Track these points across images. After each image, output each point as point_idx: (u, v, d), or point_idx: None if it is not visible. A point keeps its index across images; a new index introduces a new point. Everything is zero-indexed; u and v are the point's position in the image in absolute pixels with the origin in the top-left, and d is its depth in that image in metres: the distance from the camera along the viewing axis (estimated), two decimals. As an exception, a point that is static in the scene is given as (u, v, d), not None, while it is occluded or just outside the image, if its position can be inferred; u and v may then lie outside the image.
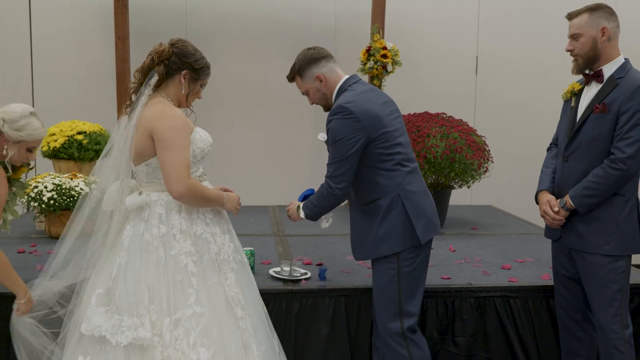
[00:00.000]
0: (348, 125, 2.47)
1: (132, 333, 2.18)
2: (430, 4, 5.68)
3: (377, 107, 2.55)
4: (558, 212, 2.66)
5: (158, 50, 2.38)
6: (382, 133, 2.52)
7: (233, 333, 2.28)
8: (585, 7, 2.61)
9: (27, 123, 2.44)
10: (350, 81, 2.63)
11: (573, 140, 2.64)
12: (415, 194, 2.57)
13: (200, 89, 2.49)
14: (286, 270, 3.07)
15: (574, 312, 2.80)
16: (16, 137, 2.44)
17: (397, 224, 2.54)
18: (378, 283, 2.62)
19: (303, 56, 2.67)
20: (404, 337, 2.57)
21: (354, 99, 2.52)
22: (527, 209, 5.36)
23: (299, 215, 2.74)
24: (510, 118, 5.87)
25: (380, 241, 2.56)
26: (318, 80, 2.65)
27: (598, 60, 2.59)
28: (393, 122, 2.58)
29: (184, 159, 2.29)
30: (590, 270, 2.61)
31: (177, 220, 2.33)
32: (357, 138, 2.48)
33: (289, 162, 5.76)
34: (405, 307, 2.57)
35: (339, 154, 2.51)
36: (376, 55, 4.59)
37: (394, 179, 2.54)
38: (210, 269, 2.33)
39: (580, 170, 2.61)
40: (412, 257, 2.56)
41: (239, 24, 5.49)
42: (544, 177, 2.80)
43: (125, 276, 2.26)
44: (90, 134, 4.26)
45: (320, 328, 2.92)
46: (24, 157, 2.53)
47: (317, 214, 2.70)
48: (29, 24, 5.38)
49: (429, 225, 2.60)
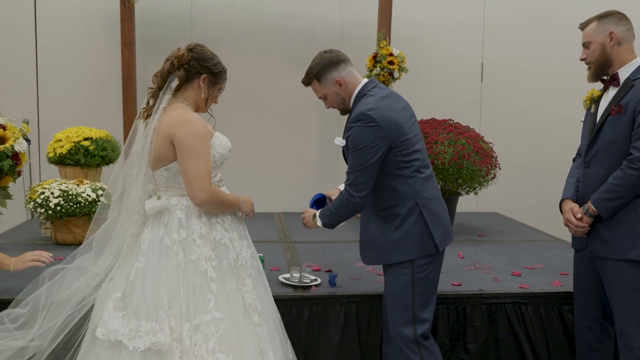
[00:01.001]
0: (370, 133, 2.43)
1: (151, 338, 2.16)
2: (435, 11, 5.70)
3: (397, 113, 2.51)
4: (581, 219, 2.62)
5: (177, 55, 2.37)
6: (403, 140, 2.49)
7: (251, 339, 2.26)
8: (596, 15, 2.64)
9: None
10: (369, 85, 2.58)
11: (592, 145, 2.62)
12: (431, 201, 2.55)
13: (218, 93, 2.50)
14: (296, 277, 3.05)
15: (592, 323, 2.76)
16: None
17: (413, 231, 2.51)
18: (391, 288, 2.59)
19: (321, 60, 2.60)
20: (417, 344, 2.54)
21: (376, 106, 2.47)
22: (533, 216, 5.38)
23: (315, 224, 2.70)
24: (515, 125, 5.87)
25: (395, 247, 2.53)
26: (337, 85, 2.59)
27: (611, 65, 2.59)
28: (411, 129, 2.55)
29: (205, 165, 2.28)
30: (614, 278, 2.55)
31: (197, 225, 2.32)
32: (379, 146, 2.44)
33: (294, 169, 5.75)
34: (418, 313, 2.54)
35: (360, 162, 2.46)
36: (383, 62, 4.59)
37: (412, 186, 2.51)
38: (229, 274, 2.31)
39: (601, 174, 2.58)
40: (426, 264, 2.54)
41: (244, 30, 5.50)
42: (568, 187, 2.78)
43: (143, 280, 2.24)
44: (97, 140, 4.25)
45: (331, 334, 2.90)
46: None
47: (335, 222, 2.65)
48: (34, 30, 5.39)
49: (446, 232, 2.58)
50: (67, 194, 3.80)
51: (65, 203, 3.77)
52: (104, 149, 4.25)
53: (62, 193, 3.80)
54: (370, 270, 3.36)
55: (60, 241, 3.92)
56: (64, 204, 3.77)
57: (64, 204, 3.77)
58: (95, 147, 4.22)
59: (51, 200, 3.77)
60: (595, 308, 2.74)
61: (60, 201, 3.77)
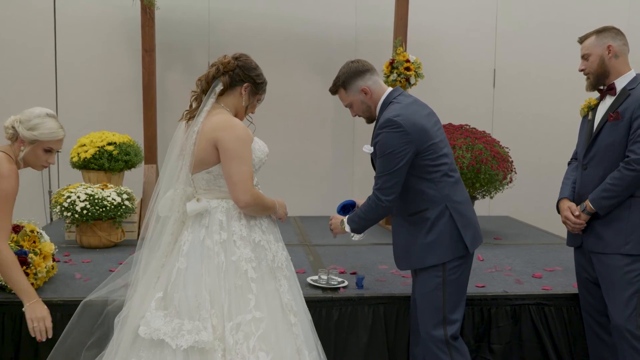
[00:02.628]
0: (397, 138, 2.50)
1: (194, 337, 2.21)
2: (448, 18, 5.78)
3: (423, 119, 2.59)
4: (579, 217, 2.80)
5: (223, 62, 2.46)
6: (430, 145, 2.56)
7: (289, 339, 2.32)
8: (594, 30, 2.84)
9: (40, 122, 2.51)
10: (394, 93, 2.66)
11: (590, 149, 2.80)
12: (461, 205, 2.61)
13: (257, 103, 2.57)
14: (324, 279, 3.12)
15: (599, 316, 2.88)
16: (29, 136, 2.50)
17: (444, 234, 2.57)
18: (422, 290, 2.65)
19: (347, 69, 2.68)
20: (447, 345, 2.60)
21: (402, 112, 2.55)
22: (545, 220, 5.42)
23: (343, 229, 2.76)
24: (527, 130, 5.94)
25: (426, 251, 2.58)
26: (363, 93, 2.66)
27: (609, 76, 2.80)
28: (438, 133, 2.63)
29: (248, 169, 2.35)
30: (608, 272, 2.72)
31: (237, 227, 2.38)
32: (406, 151, 2.51)
33: (310, 173, 5.82)
34: (449, 315, 2.60)
35: (388, 167, 2.54)
36: (399, 68, 4.66)
37: (441, 190, 2.58)
38: (267, 275, 2.38)
39: (598, 176, 2.76)
40: (457, 266, 2.60)
41: (260, 37, 5.57)
42: (565, 187, 2.97)
43: (185, 281, 2.30)
44: (120, 145, 4.32)
45: (360, 335, 2.96)
46: (41, 159, 2.57)
47: (363, 227, 2.72)
48: (53, 36, 5.46)
49: (476, 235, 2.64)
50: (93, 198, 3.87)
51: (91, 207, 3.84)
52: (127, 154, 4.32)
53: (88, 197, 3.87)
54: (394, 272, 3.43)
55: (85, 244, 3.99)
56: (90, 207, 3.84)
57: (90, 208, 3.83)
58: (119, 152, 4.28)
59: (77, 204, 3.84)
60: (600, 301, 2.86)
61: (86, 205, 3.83)
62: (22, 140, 2.52)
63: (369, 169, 5.51)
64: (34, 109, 2.55)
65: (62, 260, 3.60)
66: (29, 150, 2.53)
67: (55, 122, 2.57)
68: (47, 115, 2.55)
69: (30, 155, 2.55)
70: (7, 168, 2.46)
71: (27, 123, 2.51)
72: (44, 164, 2.60)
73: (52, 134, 2.54)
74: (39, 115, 2.53)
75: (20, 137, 2.52)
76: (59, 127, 2.58)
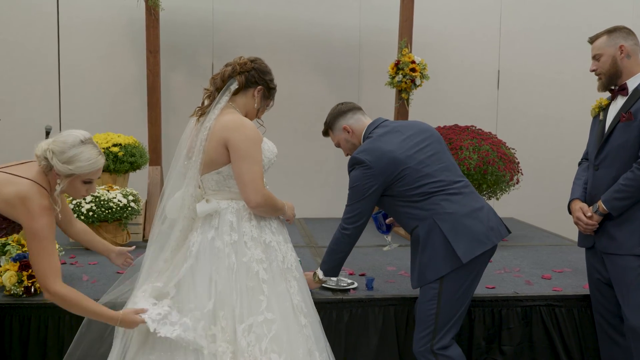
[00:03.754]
0: (361, 174, 2.65)
1: (177, 330, 2.16)
2: (453, 19, 5.78)
3: (395, 147, 2.66)
4: (591, 217, 2.77)
5: (240, 62, 2.46)
6: (400, 172, 2.64)
7: (300, 340, 2.30)
8: (605, 30, 2.82)
9: (76, 154, 2.19)
10: (371, 127, 2.79)
11: (602, 149, 2.77)
12: (452, 215, 2.60)
13: (266, 108, 2.56)
14: (333, 280, 3.10)
15: (611, 317, 2.86)
16: (65, 171, 2.19)
17: (437, 248, 2.60)
18: (420, 300, 2.70)
19: (332, 111, 2.89)
20: (434, 354, 2.62)
21: (368, 147, 2.68)
22: (550, 221, 5.43)
23: (319, 278, 2.85)
24: (531, 131, 5.94)
25: (425, 268, 2.63)
26: (345, 132, 2.84)
27: (621, 76, 2.78)
28: (415, 156, 2.65)
29: (259, 169, 2.34)
30: (621, 273, 2.70)
31: (248, 228, 2.37)
32: (370, 184, 2.65)
33: (314, 175, 5.81)
34: (440, 326, 2.61)
35: (354, 198, 2.70)
36: (405, 69, 4.66)
37: (425, 207, 2.63)
38: (278, 276, 2.36)
39: (610, 176, 2.73)
40: (455, 278, 2.60)
41: (264, 38, 5.56)
42: (576, 188, 2.94)
43: (194, 281, 2.27)
44: (125, 146, 4.30)
45: (370, 337, 2.95)
46: (81, 191, 2.28)
47: (335, 260, 2.82)
48: (57, 37, 5.44)
49: (473, 243, 2.59)
50: (98, 199, 3.85)
51: (97, 208, 3.82)
52: (132, 155, 4.30)
53: (94, 199, 3.85)
54: (403, 273, 3.41)
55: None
56: (96, 209, 3.82)
57: (96, 210, 3.82)
58: (124, 154, 4.27)
59: (83, 206, 3.82)
60: (612, 302, 2.84)
61: (92, 206, 3.81)
62: (57, 174, 2.22)
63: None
64: (68, 137, 2.22)
65: (68, 263, 3.58)
66: (67, 185, 2.24)
67: (93, 149, 2.25)
68: (82, 143, 2.22)
69: (68, 189, 2.27)
70: (38, 205, 2.16)
71: (61, 156, 2.18)
72: (84, 194, 2.32)
73: (91, 165, 2.23)
74: (73, 145, 2.19)
75: (54, 170, 2.21)
76: (97, 155, 2.25)
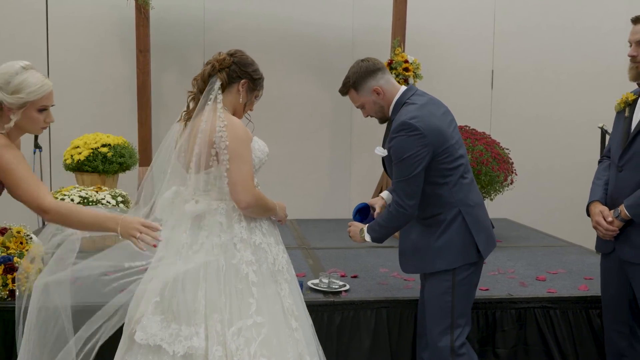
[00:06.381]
0: (414, 142, 2.40)
1: (188, 342, 2.15)
2: (447, 19, 5.74)
3: (438, 120, 2.48)
4: (612, 223, 2.57)
5: (218, 59, 2.36)
6: (446, 147, 2.46)
7: (290, 344, 2.25)
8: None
9: (22, 80, 2.10)
10: (408, 93, 2.55)
11: (628, 150, 2.55)
12: (474, 208, 2.53)
13: (255, 100, 2.49)
14: (325, 282, 3.05)
15: (622, 327, 2.73)
16: (16, 101, 2.09)
17: (456, 239, 2.49)
18: (431, 295, 2.57)
19: (358, 69, 2.56)
20: (453, 352, 2.52)
21: (417, 114, 2.44)
22: (544, 222, 5.41)
23: (363, 238, 2.64)
24: (525, 131, 5.90)
25: (437, 255, 2.50)
26: (375, 94, 2.55)
27: None
28: (453, 134, 2.53)
29: (249, 169, 2.28)
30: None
31: (237, 230, 2.30)
32: (423, 154, 2.41)
33: (307, 175, 5.75)
34: (457, 320, 2.53)
35: (406, 172, 2.44)
36: (398, 69, 4.61)
37: (456, 193, 2.49)
38: (268, 279, 2.30)
39: (635, 180, 2.52)
40: (468, 272, 2.53)
41: (256, 37, 5.50)
42: (596, 189, 2.72)
43: (183, 284, 2.21)
44: (115, 147, 4.24)
45: (363, 339, 2.90)
46: (39, 120, 2.17)
47: (384, 235, 2.60)
48: (46, 37, 5.37)
49: (489, 239, 2.56)
50: (87, 200, 3.79)
51: (85, 209, 3.76)
52: (121, 156, 4.24)
53: (82, 200, 3.79)
54: (396, 275, 3.36)
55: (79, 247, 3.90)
56: (84, 210, 3.75)
57: (84, 211, 3.75)
58: (114, 154, 4.20)
59: (71, 207, 3.75)
60: (625, 312, 2.73)
61: (80, 208, 3.75)
62: (9, 108, 2.11)
63: (366, 171, 5.56)
64: (8, 68, 2.12)
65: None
66: (22, 117, 2.13)
67: (37, 72, 2.16)
68: (25, 69, 2.12)
69: (24, 122, 2.15)
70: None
71: (7, 87, 2.09)
72: (43, 125, 2.21)
73: (42, 88, 2.13)
74: (16, 73, 2.10)
75: (4, 105, 2.11)
76: (44, 78, 2.17)
